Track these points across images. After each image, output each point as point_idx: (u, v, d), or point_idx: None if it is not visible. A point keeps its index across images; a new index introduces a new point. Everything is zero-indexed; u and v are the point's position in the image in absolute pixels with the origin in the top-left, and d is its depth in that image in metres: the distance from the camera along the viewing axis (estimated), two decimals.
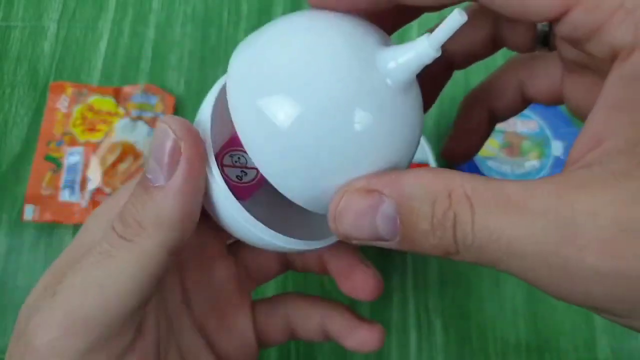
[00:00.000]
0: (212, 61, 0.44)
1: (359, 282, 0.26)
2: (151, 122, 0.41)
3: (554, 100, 0.24)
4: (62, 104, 0.42)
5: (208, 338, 0.25)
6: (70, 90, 0.42)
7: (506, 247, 0.14)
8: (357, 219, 0.17)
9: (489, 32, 0.24)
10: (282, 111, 0.16)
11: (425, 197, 0.15)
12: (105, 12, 0.46)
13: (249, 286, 0.28)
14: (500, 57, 0.28)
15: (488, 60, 0.26)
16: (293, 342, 0.37)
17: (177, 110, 0.42)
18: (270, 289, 0.38)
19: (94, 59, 0.44)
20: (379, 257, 0.39)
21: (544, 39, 0.23)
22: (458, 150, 0.29)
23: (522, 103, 0.26)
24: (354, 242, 0.17)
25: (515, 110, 0.26)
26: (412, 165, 0.36)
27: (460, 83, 0.43)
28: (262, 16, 0.46)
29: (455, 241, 0.15)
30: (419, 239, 0.16)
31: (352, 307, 0.29)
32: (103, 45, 0.45)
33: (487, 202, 0.15)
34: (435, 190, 0.15)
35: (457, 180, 0.15)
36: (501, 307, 0.39)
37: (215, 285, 0.26)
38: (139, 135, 0.41)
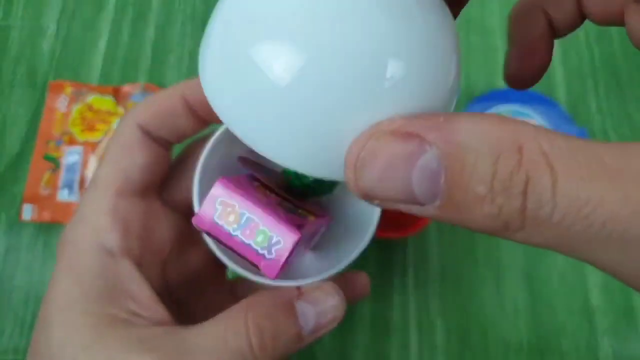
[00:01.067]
0: None
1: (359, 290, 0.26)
2: None
3: (610, 21, 0.21)
4: (61, 103, 0.42)
5: (187, 308, 0.26)
6: (69, 89, 0.42)
7: (601, 226, 0.11)
8: (386, 170, 0.12)
9: None
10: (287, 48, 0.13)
11: (485, 150, 0.11)
12: (105, 11, 0.46)
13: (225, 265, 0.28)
14: None
15: None
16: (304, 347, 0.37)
17: None
18: None
19: (93, 58, 0.44)
20: (379, 256, 0.39)
21: None
22: (524, 70, 0.22)
23: (580, 17, 0.21)
24: (376, 203, 0.13)
25: (573, 23, 0.22)
26: None
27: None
28: None
29: (523, 212, 0.11)
30: (469, 206, 0.12)
31: (351, 309, 0.29)
32: (102, 44, 0.45)
33: (574, 164, 0.11)
34: (499, 142, 0.11)
35: (529, 131, 0.11)
36: (502, 308, 0.38)
37: (193, 269, 0.26)
38: None
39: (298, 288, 0.21)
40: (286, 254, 0.18)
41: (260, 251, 0.18)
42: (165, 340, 0.19)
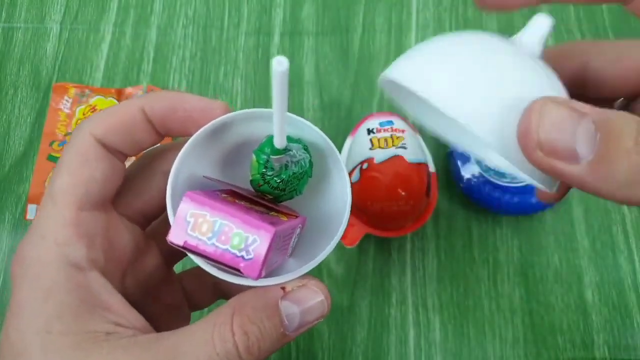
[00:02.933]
0: (213, 62, 0.45)
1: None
2: None
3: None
4: (64, 104, 0.42)
5: (143, 311, 0.26)
6: (72, 91, 0.43)
7: None
8: (559, 124, 0.16)
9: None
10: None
11: (628, 118, 0.15)
12: (107, 14, 0.46)
13: (174, 262, 0.29)
14: None
15: None
16: (293, 341, 0.38)
17: None
18: None
19: (96, 60, 0.45)
20: (378, 255, 0.40)
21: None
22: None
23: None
24: (539, 156, 0.17)
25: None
26: (412, 164, 0.37)
27: None
28: (263, 18, 0.46)
29: None
30: (619, 157, 0.15)
31: (350, 306, 0.29)
32: (105, 46, 0.45)
33: None
34: (636, 118, 0.15)
35: None
36: (499, 306, 0.39)
37: (147, 273, 0.26)
38: None
39: (283, 288, 0.21)
40: (264, 251, 0.18)
41: (239, 254, 0.18)
42: (155, 350, 0.19)
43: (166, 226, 0.20)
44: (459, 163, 0.40)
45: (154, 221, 0.26)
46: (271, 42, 0.45)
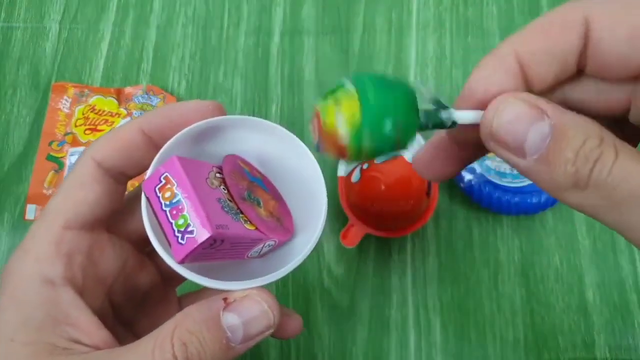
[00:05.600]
0: (212, 62, 0.44)
1: (292, 327, 0.27)
2: None
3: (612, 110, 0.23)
4: (63, 104, 0.42)
5: (136, 326, 0.27)
6: (71, 90, 0.42)
7: (635, 189, 0.16)
8: (515, 120, 0.17)
9: None
10: None
11: (581, 130, 0.17)
12: (107, 13, 0.46)
13: (174, 284, 0.29)
14: None
15: None
16: (293, 341, 0.38)
17: None
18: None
19: (95, 59, 0.45)
20: (379, 256, 0.40)
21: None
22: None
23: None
24: (491, 145, 0.18)
25: None
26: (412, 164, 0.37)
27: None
28: (263, 18, 0.46)
29: (590, 174, 0.16)
30: (558, 164, 0.17)
31: (350, 307, 0.29)
32: (104, 46, 0.45)
33: (629, 152, 0.17)
34: (590, 130, 0.17)
35: (609, 133, 0.17)
36: (499, 306, 0.39)
37: (141, 291, 0.27)
38: None
39: (225, 299, 0.21)
40: (194, 245, 0.19)
41: (177, 233, 0.19)
42: None
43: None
44: None
45: None
46: (271, 41, 0.45)
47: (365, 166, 0.37)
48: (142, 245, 0.26)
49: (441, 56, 0.45)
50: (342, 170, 0.38)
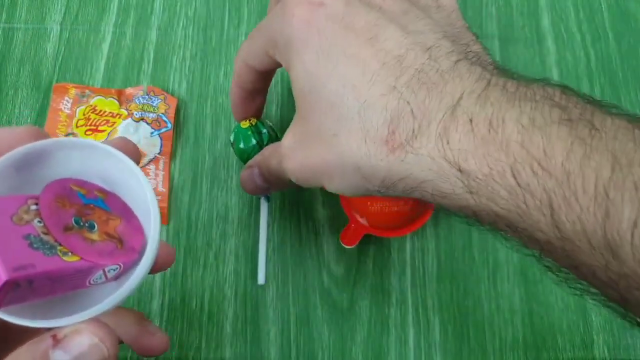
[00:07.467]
0: (213, 63, 0.45)
1: (155, 345, 0.27)
2: (154, 123, 0.42)
3: None
4: (65, 105, 0.42)
5: None
6: (73, 91, 0.43)
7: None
8: (246, 179, 0.35)
9: None
10: None
11: (259, 159, 0.33)
12: (108, 14, 0.46)
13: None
14: None
15: None
16: (293, 340, 0.38)
17: (179, 111, 0.43)
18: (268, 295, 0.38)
19: (96, 60, 0.45)
20: (378, 256, 0.40)
21: None
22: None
23: None
24: (249, 188, 0.35)
25: None
26: None
27: None
28: (263, 18, 0.46)
29: (269, 169, 0.32)
30: (274, 179, 0.32)
31: (350, 306, 0.29)
32: (105, 47, 0.45)
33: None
34: (266, 159, 0.33)
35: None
36: (498, 306, 0.39)
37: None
38: (141, 136, 0.41)
39: (54, 336, 0.19)
40: None
41: None
42: None
43: None
44: None
45: None
46: None
47: None
48: None
49: None
50: None
